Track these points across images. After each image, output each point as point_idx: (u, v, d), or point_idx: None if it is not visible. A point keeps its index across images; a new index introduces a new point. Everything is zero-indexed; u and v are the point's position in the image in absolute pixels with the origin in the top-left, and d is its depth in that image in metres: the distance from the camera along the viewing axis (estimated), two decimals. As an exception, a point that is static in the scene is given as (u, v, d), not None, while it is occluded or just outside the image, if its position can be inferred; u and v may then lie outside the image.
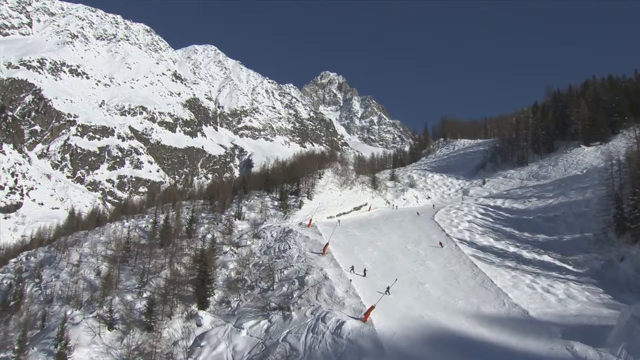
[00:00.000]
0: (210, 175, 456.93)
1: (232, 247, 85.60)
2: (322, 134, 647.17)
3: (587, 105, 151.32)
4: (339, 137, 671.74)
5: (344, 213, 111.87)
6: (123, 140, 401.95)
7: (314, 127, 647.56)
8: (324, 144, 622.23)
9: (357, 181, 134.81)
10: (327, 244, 76.32)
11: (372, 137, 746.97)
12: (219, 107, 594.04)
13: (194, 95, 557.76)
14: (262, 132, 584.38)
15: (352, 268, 68.77)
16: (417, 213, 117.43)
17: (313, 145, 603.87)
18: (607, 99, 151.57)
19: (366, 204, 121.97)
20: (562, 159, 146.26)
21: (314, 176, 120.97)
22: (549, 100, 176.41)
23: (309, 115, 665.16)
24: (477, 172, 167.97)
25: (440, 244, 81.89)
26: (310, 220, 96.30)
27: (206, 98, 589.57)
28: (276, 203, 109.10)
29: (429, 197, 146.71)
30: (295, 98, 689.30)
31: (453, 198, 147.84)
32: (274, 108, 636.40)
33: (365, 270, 68.66)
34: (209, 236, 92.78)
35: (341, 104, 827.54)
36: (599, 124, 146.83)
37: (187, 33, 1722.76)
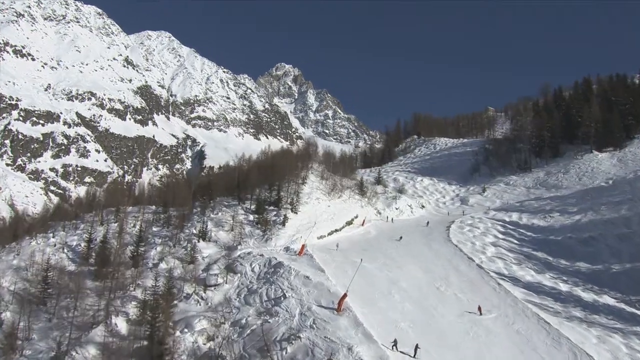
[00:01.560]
0: (161, 166, 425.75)
1: (198, 288, 59.20)
2: (277, 127, 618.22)
3: (599, 106, 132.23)
4: (293, 130, 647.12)
5: (335, 230, 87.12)
6: (69, 126, 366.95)
7: (268, 119, 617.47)
8: (278, 137, 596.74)
9: (343, 186, 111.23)
10: (344, 296, 51.27)
11: (327, 131, 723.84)
12: (171, 95, 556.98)
13: (146, 82, 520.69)
14: (215, 123, 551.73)
15: (395, 344, 43.54)
16: (427, 223, 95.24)
17: (267, 138, 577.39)
18: (621, 100, 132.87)
19: (357, 217, 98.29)
20: (572, 166, 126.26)
21: (296, 181, 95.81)
22: (551, 100, 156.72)
23: (264, 107, 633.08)
24: (471, 176, 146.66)
25: (480, 309, 56.78)
26: (303, 246, 70.35)
27: (159, 86, 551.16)
28: (252, 217, 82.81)
29: (423, 206, 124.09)
30: (250, 89, 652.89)
31: (450, 207, 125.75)
32: (229, 98, 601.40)
33: (416, 349, 42.63)
34: (164, 265, 66.48)
35: (296, 97, 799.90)
36: (614, 128, 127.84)
37: (141, 18, 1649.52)
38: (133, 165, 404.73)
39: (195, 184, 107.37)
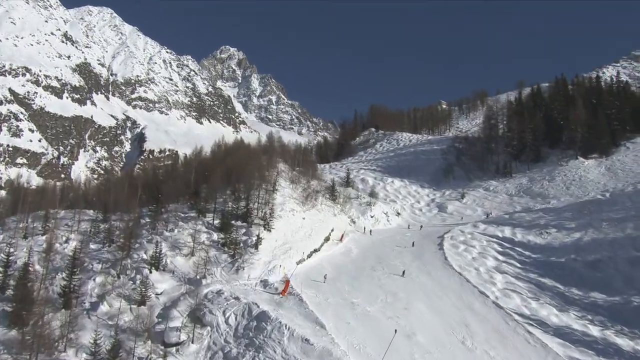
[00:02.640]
0: (99, 148, 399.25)
1: (154, 347, 43.29)
2: (220, 111, 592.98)
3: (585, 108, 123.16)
4: (236, 114, 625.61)
5: (315, 250, 72.21)
6: (1, 103, 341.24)
7: (211, 103, 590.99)
8: (221, 121, 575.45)
9: (314, 191, 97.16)
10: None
11: (270, 117, 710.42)
12: (112, 74, 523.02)
13: (86, 59, 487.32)
14: (157, 105, 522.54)
15: None
16: (413, 243, 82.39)
17: (210, 122, 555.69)
18: (607, 103, 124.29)
19: (333, 230, 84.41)
20: (558, 173, 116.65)
21: (266, 187, 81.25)
22: (529, 99, 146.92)
23: (207, 90, 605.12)
24: (444, 178, 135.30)
25: None
26: (287, 283, 54.88)
27: (98, 64, 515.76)
28: (216, 236, 65.76)
29: (399, 213, 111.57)
30: (193, 71, 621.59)
31: (428, 215, 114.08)
32: (171, 80, 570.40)
33: None
34: (105, 308, 49.81)
35: (240, 81, 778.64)
36: (600, 133, 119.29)
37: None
38: (69, 147, 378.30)
39: (142, 182, 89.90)
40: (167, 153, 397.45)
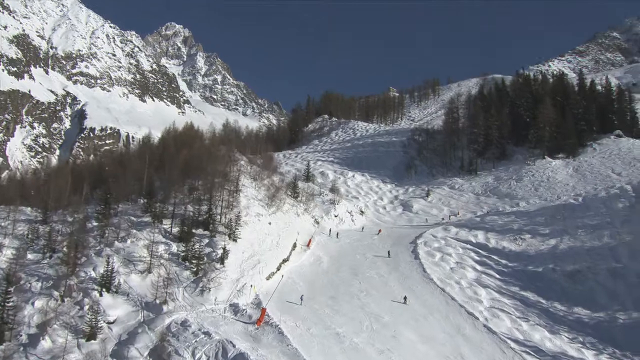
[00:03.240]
0: (37, 125, 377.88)
1: None
2: (164, 89, 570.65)
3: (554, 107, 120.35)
4: (180, 93, 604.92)
5: (284, 261, 65.68)
6: None
7: (155, 81, 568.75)
8: (165, 100, 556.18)
9: (275, 187, 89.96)
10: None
11: (215, 97, 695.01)
12: (51, 47, 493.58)
13: (24, 30, 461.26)
14: (99, 81, 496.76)
15: None
16: (388, 252, 76.42)
17: (154, 100, 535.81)
18: (575, 102, 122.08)
19: (299, 234, 77.47)
20: (525, 173, 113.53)
21: (228, 186, 72.61)
22: (494, 94, 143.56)
23: (152, 67, 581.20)
24: (406, 173, 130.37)
25: None
26: (263, 312, 47.11)
27: (37, 36, 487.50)
28: (175, 248, 57.20)
29: (362, 212, 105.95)
30: (138, 47, 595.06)
31: (392, 214, 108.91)
32: (114, 55, 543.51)
33: None
34: (47, 344, 40.57)
35: (185, 59, 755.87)
36: (568, 133, 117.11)
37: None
38: (5, 122, 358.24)
39: (90, 176, 79.84)
40: (108, 131, 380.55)
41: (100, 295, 47.40)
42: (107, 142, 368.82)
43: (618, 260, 74.10)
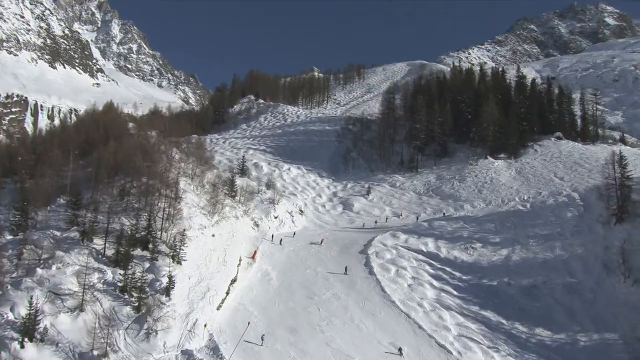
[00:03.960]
0: None
1: None
2: (77, 56, 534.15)
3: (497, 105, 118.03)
4: (94, 61, 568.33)
5: (233, 281, 57.47)
6: None
7: (67, 47, 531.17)
8: (77, 67, 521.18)
9: (207, 182, 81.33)
10: None
11: (129, 66, 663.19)
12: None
13: None
14: (5, 44, 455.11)
15: None
16: (345, 269, 69.83)
17: (65, 67, 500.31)
18: (518, 102, 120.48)
19: (242, 243, 69.48)
20: (468, 173, 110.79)
21: (166, 191, 63.17)
22: (435, 86, 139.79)
23: (63, 32, 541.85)
24: (343, 166, 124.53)
25: None
26: None
27: None
28: (111, 275, 47.32)
29: (302, 211, 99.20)
30: (49, 10, 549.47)
31: (333, 214, 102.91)
32: (23, 17, 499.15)
33: None
34: None
35: (99, 25, 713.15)
36: (511, 133, 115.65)
37: None
38: None
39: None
40: (14, 99, 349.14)
41: (22, 346, 37.90)
42: (13, 110, 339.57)
43: (572, 275, 73.18)
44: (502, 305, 68.41)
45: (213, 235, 62.50)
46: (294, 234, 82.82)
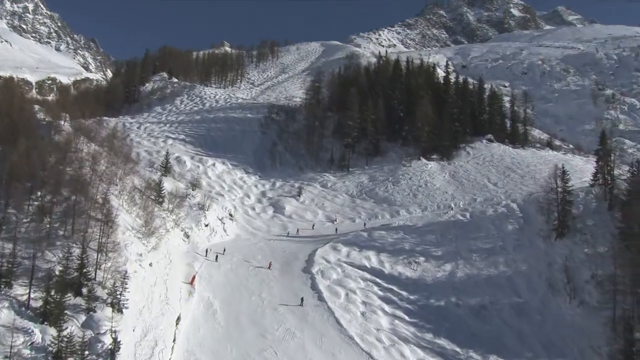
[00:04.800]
0: None
1: None
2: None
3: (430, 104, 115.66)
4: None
5: (177, 321, 49.72)
6: None
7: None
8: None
9: (134, 189, 72.35)
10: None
11: (25, 27, 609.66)
12: None
13: None
14: None
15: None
16: (302, 299, 63.33)
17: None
18: (451, 102, 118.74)
19: (178, 266, 61.35)
20: (402, 175, 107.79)
21: (95, 212, 53.00)
22: (364, 77, 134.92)
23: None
24: (269, 161, 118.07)
25: None
26: None
27: None
28: (41, 337, 37.18)
29: (232, 216, 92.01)
30: None
31: (263, 217, 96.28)
32: None
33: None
34: None
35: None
36: (444, 134, 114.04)
37: None
38: None
39: None
40: None
41: None
42: None
43: (518, 294, 72.04)
44: (454, 330, 65.51)
45: (151, 265, 54.21)
46: (224, 250, 75.26)
